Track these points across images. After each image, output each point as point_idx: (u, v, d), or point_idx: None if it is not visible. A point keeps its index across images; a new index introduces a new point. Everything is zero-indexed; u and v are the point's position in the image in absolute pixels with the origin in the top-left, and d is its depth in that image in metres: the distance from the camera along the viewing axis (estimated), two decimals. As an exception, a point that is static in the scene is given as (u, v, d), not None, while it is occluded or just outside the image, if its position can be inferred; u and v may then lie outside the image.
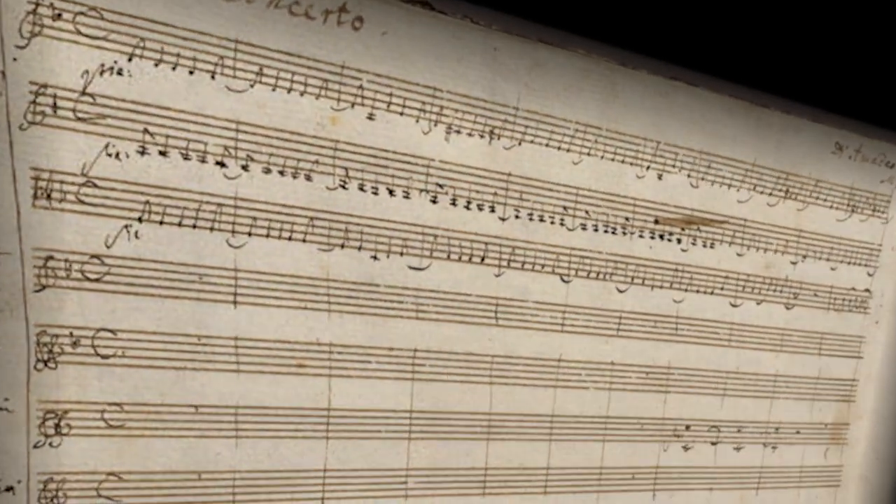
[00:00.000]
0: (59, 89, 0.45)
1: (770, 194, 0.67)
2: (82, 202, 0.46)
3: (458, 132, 0.55)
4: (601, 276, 0.61)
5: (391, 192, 0.54)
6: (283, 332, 0.51)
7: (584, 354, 0.61)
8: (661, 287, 0.63)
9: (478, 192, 0.56)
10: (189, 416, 0.50)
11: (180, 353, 0.49)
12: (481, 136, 0.56)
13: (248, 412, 0.51)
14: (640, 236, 0.62)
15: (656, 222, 0.62)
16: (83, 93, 0.46)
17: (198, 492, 0.50)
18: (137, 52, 0.47)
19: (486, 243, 0.57)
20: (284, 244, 0.51)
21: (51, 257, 0.46)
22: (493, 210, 0.57)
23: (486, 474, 0.58)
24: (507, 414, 0.58)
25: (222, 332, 0.50)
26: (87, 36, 0.46)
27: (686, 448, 0.67)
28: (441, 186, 0.55)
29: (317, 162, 0.51)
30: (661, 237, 0.63)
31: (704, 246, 0.65)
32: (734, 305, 0.67)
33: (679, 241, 0.64)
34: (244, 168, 0.50)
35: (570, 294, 0.60)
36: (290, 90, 0.50)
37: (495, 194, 0.57)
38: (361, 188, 0.53)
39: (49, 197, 0.46)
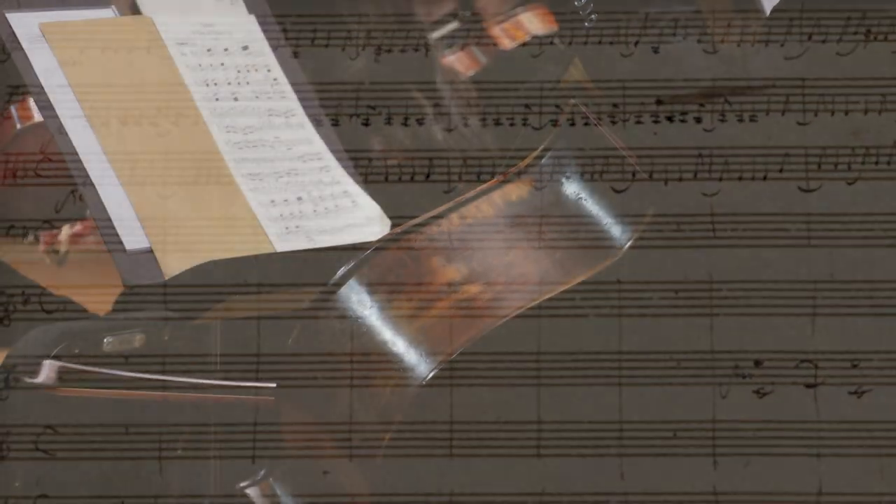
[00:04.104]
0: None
1: (838, 41, 0.48)
2: (39, 176, 0.52)
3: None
4: (586, 176, 0.48)
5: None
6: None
7: (572, 272, 0.47)
8: (679, 180, 0.47)
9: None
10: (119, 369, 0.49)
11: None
12: (416, 50, 0.51)
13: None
14: (639, 122, 0.48)
15: (658, 103, 0.48)
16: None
17: (125, 447, 0.48)
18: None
19: (431, 158, 0.49)
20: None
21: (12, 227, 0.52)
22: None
23: (452, 430, 0.45)
24: (471, 353, 0.46)
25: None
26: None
27: (761, 393, 0.45)
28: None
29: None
30: (670, 119, 0.48)
31: (741, 120, 0.48)
32: (806, 190, 0.47)
33: (698, 119, 0.48)
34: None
35: (544, 201, 0.48)
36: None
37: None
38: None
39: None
